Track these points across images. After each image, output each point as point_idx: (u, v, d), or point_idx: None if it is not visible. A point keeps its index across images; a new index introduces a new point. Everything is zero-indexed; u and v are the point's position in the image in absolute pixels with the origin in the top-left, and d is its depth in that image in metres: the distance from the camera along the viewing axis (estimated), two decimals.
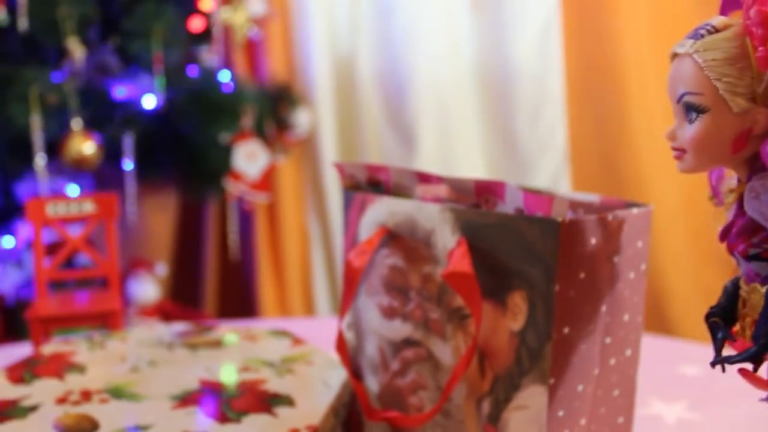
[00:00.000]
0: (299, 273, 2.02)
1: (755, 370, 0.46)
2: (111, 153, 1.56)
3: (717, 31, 0.47)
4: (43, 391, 0.76)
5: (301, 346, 0.88)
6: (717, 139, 0.48)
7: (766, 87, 0.46)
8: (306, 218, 2.04)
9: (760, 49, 0.45)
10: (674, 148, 0.49)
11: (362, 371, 0.79)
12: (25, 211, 1.13)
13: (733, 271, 0.53)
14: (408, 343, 0.72)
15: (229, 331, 0.93)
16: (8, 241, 1.56)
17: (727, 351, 0.49)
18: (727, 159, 0.49)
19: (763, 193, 0.48)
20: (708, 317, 0.51)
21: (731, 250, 0.51)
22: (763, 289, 0.48)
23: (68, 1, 1.45)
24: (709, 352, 0.50)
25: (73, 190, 1.58)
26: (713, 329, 0.50)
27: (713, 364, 0.49)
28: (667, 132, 0.49)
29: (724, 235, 0.51)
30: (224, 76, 1.69)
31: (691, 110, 0.48)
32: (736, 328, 0.50)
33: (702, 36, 0.47)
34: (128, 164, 1.58)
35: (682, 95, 0.48)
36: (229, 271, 1.99)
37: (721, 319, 0.51)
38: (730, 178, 0.53)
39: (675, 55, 0.49)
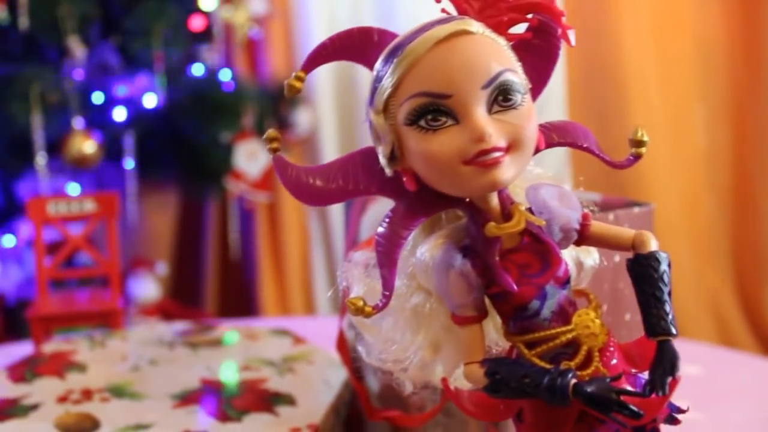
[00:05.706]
0: (300, 272, 2.02)
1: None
2: (112, 152, 1.56)
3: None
4: (44, 390, 0.76)
5: (301, 345, 0.88)
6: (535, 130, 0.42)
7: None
8: (306, 217, 2.04)
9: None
10: (496, 149, 0.40)
11: (363, 370, 0.79)
12: (26, 209, 1.14)
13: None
14: None
15: (230, 330, 0.93)
16: (9, 240, 1.57)
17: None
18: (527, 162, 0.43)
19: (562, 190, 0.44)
20: (556, 378, 0.41)
21: (556, 284, 0.44)
22: (593, 309, 0.45)
23: None
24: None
25: (73, 189, 1.58)
26: (573, 378, 0.42)
27: (665, 387, 0.42)
28: (481, 131, 0.39)
29: (547, 273, 0.44)
30: (225, 75, 1.69)
31: (515, 92, 0.40)
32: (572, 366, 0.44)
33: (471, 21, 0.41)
34: (129, 163, 1.58)
35: (500, 73, 0.40)
36: (229, 270, 1.99)
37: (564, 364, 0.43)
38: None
39: (463, 33, 0.40)
